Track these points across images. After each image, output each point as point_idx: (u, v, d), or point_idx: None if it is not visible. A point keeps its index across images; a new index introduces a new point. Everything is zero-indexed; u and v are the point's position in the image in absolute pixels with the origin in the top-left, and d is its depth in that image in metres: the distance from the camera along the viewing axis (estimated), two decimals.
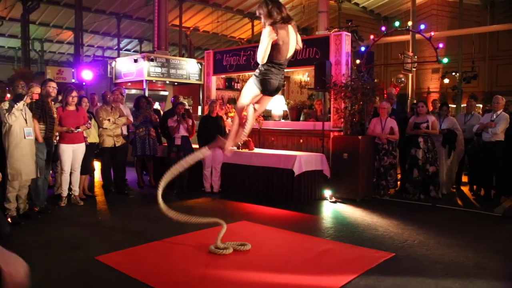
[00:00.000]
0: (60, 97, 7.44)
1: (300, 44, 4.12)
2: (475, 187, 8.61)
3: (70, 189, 7.17)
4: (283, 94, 11.17)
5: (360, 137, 7.74)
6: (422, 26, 8.91)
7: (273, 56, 3.94)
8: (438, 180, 8.07)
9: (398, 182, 8.56)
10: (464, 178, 9.35)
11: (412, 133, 8.08)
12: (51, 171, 7.32)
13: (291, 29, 3.95)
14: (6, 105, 5.87)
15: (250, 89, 4.14)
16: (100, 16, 23.19)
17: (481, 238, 5.66)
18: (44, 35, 26.89)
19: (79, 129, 6.98)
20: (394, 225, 6.10)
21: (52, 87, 6.60)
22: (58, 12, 22.87)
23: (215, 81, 10.95)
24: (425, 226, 6.06)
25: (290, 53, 4.03)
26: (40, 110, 6.40)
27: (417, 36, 13.51)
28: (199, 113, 12.81)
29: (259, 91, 4.09)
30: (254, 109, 4.27)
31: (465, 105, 10.05)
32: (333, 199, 7.65)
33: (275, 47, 3.90)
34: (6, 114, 5.79)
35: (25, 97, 5.95)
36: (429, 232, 5.73)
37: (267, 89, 4.05)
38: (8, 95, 7.00)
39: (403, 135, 8.21)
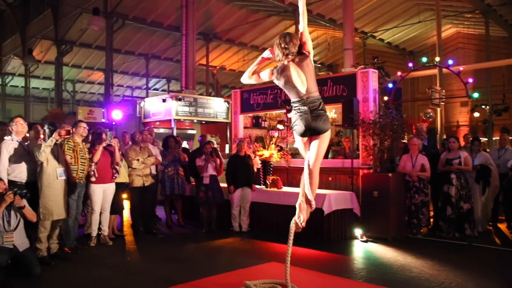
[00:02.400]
0: (90, 138, 7.60)
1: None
2: None
3: (100, 228, 7.22)
4: None
5: (390, 174, 7.61)
6: (450, 62, 8.84)
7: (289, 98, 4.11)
8: (473, 218, 7.78)
9: (431, 220, 8.31)
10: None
11: (444, 170, 7.88)
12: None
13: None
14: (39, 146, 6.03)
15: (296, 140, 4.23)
16: (129, 57, 23.92)
17: None
18: (76, 76, 27.86)
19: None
20: (429, 266, 5.88)
21: (83, 128, 6.76)
22: (89, 54, 23.82)
23: (242, 119, 11.03)
24: (462, 266, 5.83)
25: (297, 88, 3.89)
26: (72, 151, 6.53)
27: (444, 69, 13.40)
28: (227, 151, 12.84)
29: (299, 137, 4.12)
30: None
31: (498, 138, 9.81)
32: (364, 238, 7.46)
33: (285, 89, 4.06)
34: (36, 152, 5.93)
35: (54, 133, 6.10)
36: (466, 274, 5.50)
37: (298, 132, 4.06)
38: (42, 136, 7.19)
39: (434, 172, 8.01)
